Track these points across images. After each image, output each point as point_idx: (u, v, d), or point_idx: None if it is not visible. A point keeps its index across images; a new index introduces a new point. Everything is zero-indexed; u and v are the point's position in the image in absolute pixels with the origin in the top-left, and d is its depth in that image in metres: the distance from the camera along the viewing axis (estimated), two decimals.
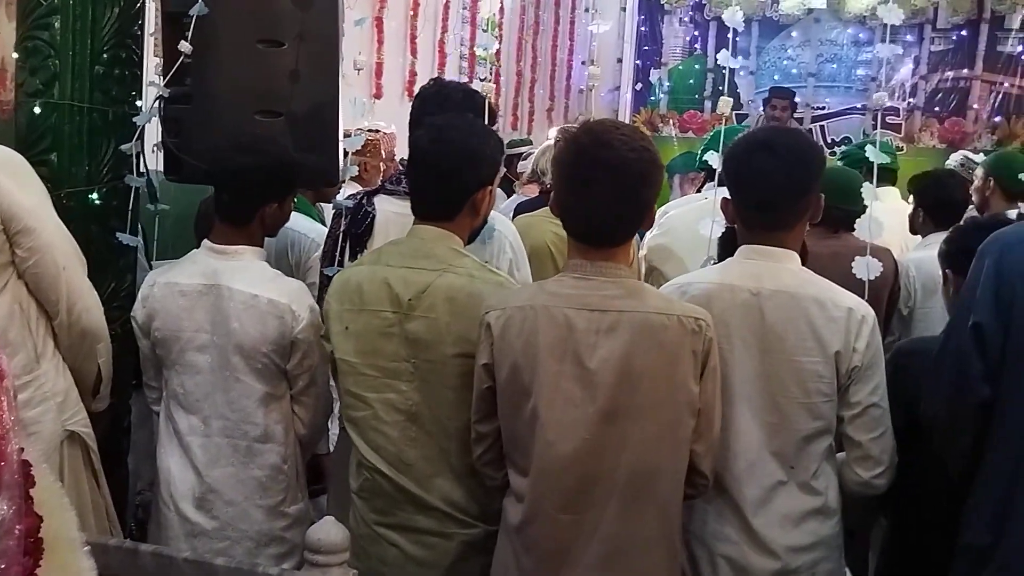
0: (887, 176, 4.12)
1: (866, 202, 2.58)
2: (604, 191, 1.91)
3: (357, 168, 4.15)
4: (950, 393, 2.03)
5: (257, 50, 2.57)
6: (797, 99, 9.00)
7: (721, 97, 3.02)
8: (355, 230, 2.64)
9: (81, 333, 2.31)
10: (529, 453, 1.96)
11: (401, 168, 5.02)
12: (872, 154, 2.54)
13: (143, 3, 2.70)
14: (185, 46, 2.51)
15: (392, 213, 2.59)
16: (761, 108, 8.38)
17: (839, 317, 2.06)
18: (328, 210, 3.69)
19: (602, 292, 1.93)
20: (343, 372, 2.20)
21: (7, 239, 2.17)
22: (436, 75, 7.32)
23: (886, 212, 3.98)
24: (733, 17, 2.93)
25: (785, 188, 2.11)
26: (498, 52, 8.07)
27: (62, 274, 2.24)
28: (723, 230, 2.48)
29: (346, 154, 2.75)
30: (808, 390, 2.07)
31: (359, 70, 2.92)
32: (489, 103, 2.71)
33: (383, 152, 4.55)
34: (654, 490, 1.94)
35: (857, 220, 3.18)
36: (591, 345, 1.91)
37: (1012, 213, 3.65)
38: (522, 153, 5.95)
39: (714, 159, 2.75)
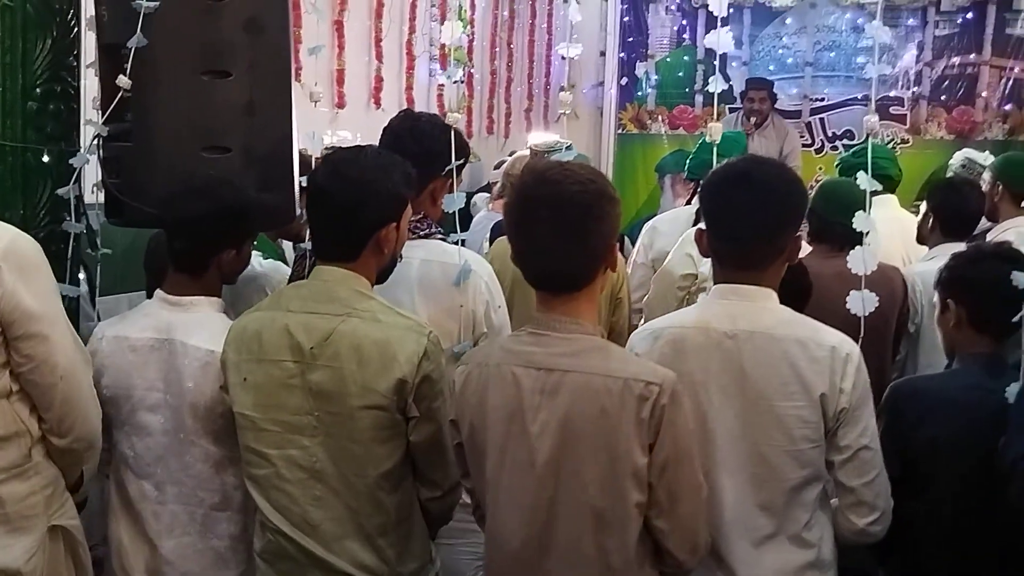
0: (886, 183, 4.16)
1: (858, 226, 2.60)
2: (548, 229, 1.94)
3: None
4: None
5: (202, 82, 2.59)
6: (794, 90, 9.08)
7: (711, 79, 3.03)
8: None
9: (69, 445, 2.28)
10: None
11: None
12: (864, 181, 2.58)
13: (78, 33, 2.72)
14: (124, 80, 2.53)
15: None
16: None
17: (822, 357, 2.09)
18: (289, 247, 3.71)
19: (551, 349, 1.96)
20: (242, 427, 2.23)
21: (4, 342, 2.16)
22: (405, 77, 7.35)
23: (884, 221, 4.01)
24: (719, 4, 2.97)
25: (760, 224, 2.14)
26: (471, 48, 8.10)
27: (59, 384, 2.21)
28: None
29: (303, 190, 2.76)
30: (793, 437, 2.10)
31: (316, 102, 2.94)
32: (460, 134, 2.74)
33: None
34: (601, 568, 1.95)
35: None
36: (535, 407, 1.95)
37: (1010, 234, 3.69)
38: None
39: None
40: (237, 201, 2.46)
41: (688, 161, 4.56)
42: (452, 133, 2.67)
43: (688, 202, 4.57)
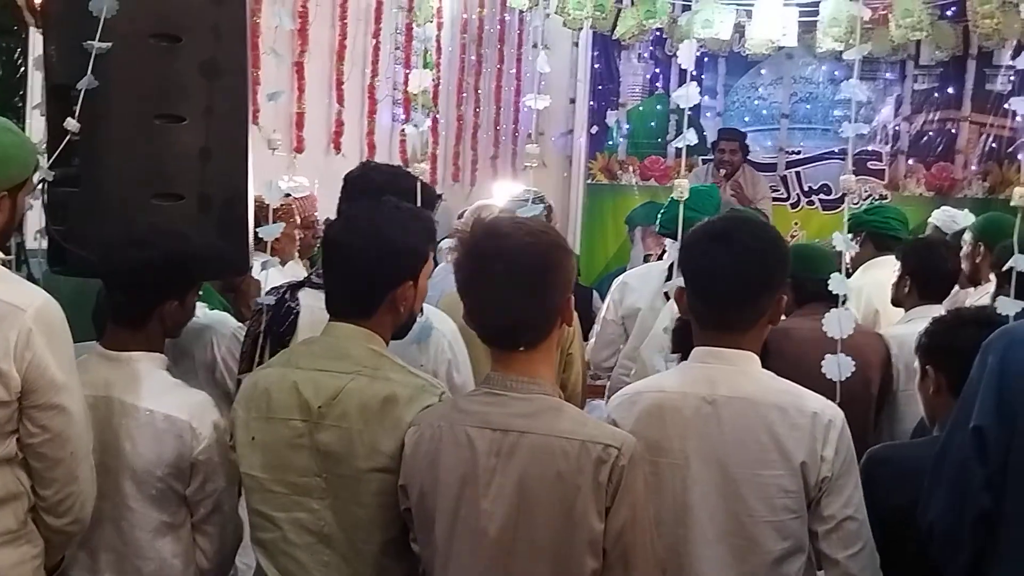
0: (894, 243, 4.23)
1: (833, 288, 2.64)
2: (501, 284, 1.95)
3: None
4: (948, 502, 2.07)
5: (155, 126, 2.60)
6: (769, 142, 9.19)
7: (684, 132, 3.01)
8: (277, 328, 2.66)
9: (64, 527, 2.25)
10: None
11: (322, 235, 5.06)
12: (840, 243, 2.62)
13: (24, 72, 2.72)
14: (72, 123, 2.52)
15: (319, 309, 2.58)
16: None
17: (803, 423, 2.11)
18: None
19: (508, 409, 1.96)
20: (249, 488, 2.21)
21: (19, 409, 2.14)
22: (367, 122, 7.38)
23: (879, 285, 4.08)
24: (686, 55, 3.01)
25: (741, 286, 2.16)
26: (436, 93, 8.15)
27: (66, 460, 2.20)
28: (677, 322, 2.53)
29: (259, 241, 2.77)
30: (774, 507, 2.10)
31: (274, 150, 2.96)
32: (427, 186, 2.76)
33: (298, 218, 4.54)
34: None
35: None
36: (490, 469, 1.95)
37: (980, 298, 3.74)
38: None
39: None
40: (178, 250, 2.46)
41: (660, 215, 4.60)
42: (415, 180, 2.69)
43: (660, 256, 4.60)
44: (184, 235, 2.52)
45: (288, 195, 4.39)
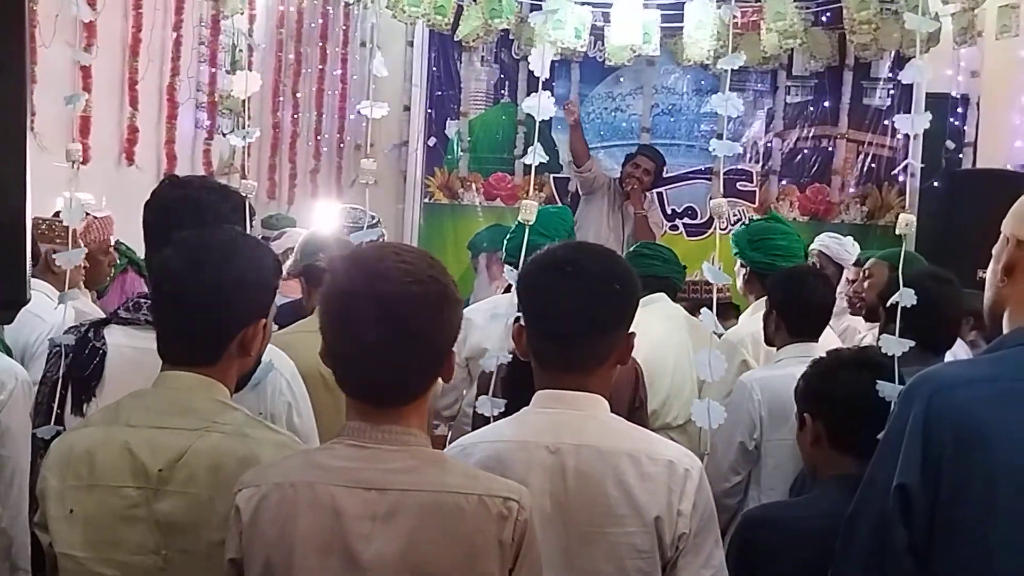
0: None
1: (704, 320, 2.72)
2: (379, 334, 1.93)
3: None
4: (866, 569, 2.11)
5: None
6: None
7: (530, 149, 3.07)
8: (79, 374, 2.58)
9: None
10: None
11: (118, 261, 4.95)
12: (710, 273, 2.70)
13: None
14: None
15: (129, 349, 2.56)
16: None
17: (656, 474, 2.16)
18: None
19: (384, 464, 1.95)
20: (67, 572, 2.14)
21: None
22: (166, 129, 7.23)
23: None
24: (538, 60, 3.05)
25: (587, 321, 2.20)
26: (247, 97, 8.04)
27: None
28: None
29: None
30: (624, 568, 2.15)
31: (75, 163, 2.88)
32: (249, 204, 2.73)
33: (81, 242, 4.42)
34: None
35: None
36: (365, 535, 1.91)
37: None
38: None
39: None
40: None
41: (506, 241, 4.63)
42: (244, 200, 2.67)
43: (508, 289, 4.63)
44: None
45: (90, 214, 4.30)
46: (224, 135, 5.92)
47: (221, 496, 2.06)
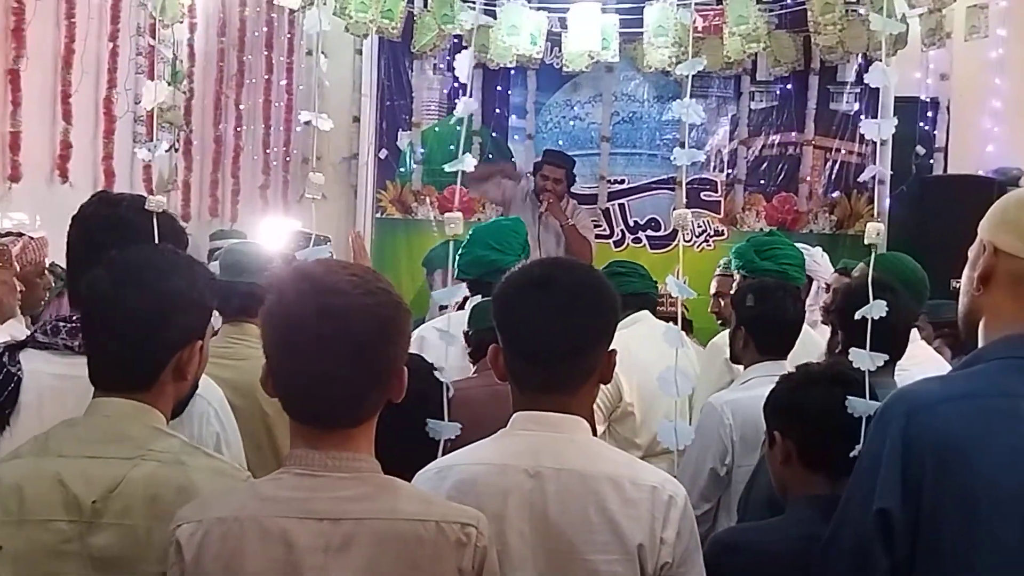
0: None
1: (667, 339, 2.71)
2: (332, 351, 1.92)
3: None
4: None
5: None
6: (588, 170, 9.23)
7: (461, 157, 3.07)
8: None
9: None
10: None
11: (53, 284, 4.88)
12: (675, 288, 2.70)
13: None
14: None
15: (47, 376, 2.52)
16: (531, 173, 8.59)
17: (640, 500, 2.16)
18: None
19: (335, 493, 1.94)
20: None
21: None
22: (102, 144, 7.16)
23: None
24: (462, 65, 3.04)
25: (566, 340, 2.20)
26: (189, 109, 8.00)
27: None
28: None
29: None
30: None
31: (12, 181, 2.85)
32: (173, 219, 2.71)
33: (16, 264, 4.37)
34: None
35: None
36: (319, 568, 1.90)
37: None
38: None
39: None
40: None
41: (459, 256, 4.61)
42: (157, 219, 2.63)
43: (460, 306, 4.60)
44: None
45: (9, 234, 4.24)
46: (150, 152, 5.88)
47: (159, 528, 2.04)
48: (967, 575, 1.98)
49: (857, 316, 2.65)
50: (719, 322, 6.21)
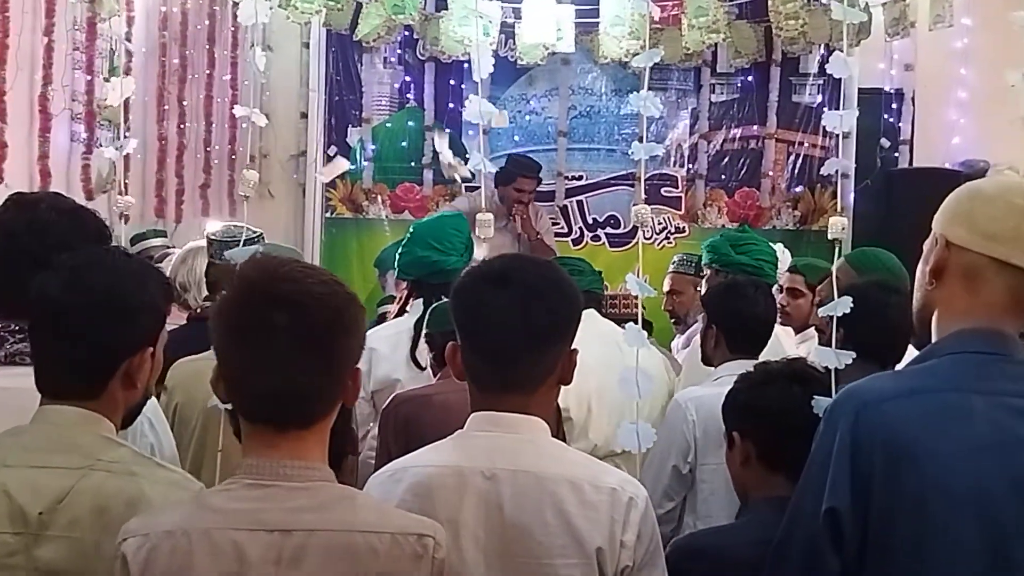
0: None
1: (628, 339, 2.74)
2: (286, 340, 1.93)
3: None
4: None
5: None
6: (545, 167, 9.05)
7: (438, 152, 3.06)
8: None
9: None
10: None
11: None
12: (635, 286, 2.71)
13: None
14: None
15: None
16: (495, 186, 8.53)
17: (599, 502, 2.17)
18: None
19: (287, 503, 1.94)
20: None
21: None
22: (38, 143, 7.11)
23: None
24: (481, 65, 3.02)
25: (522, 336, 2.22)
26: (127, 106, 7.93)
27: None
28: None
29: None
30: None
31: None
32: (94, 215, 2.70)
33: None
34: None
35: None
36: None
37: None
38: (152, 256, 5.85)
39: None
40: None
41: (398, 256, 4.59)
42: (81, 220, 2.62)
43: (401, 311, 4.56)
44: None
45: None
46: (103, 147, 5.82)
47: (107, 540, 2.04)
48: (917, 574, 2.01)
49: (821, 313, 2.68)
50: (672, 320, 6.27)
